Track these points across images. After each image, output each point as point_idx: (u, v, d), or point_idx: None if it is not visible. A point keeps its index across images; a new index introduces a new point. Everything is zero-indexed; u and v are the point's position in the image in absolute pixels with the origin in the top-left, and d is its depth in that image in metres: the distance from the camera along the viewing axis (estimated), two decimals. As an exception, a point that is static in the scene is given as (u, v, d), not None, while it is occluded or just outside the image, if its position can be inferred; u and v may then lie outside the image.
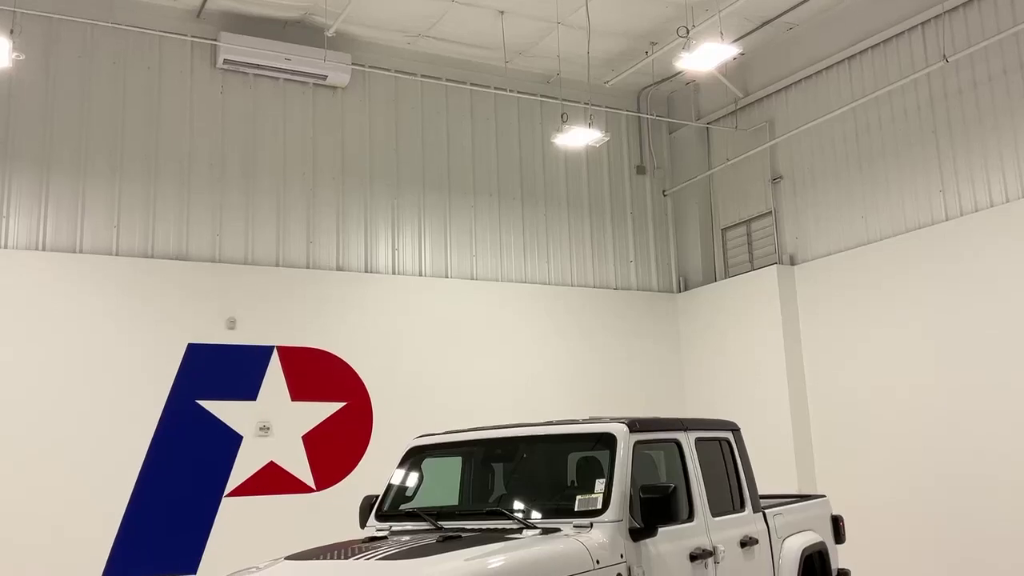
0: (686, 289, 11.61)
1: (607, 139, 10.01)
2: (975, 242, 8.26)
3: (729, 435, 6.21)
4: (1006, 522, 7.76)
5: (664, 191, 11.96)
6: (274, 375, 9.09)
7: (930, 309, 8.58)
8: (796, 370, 9.89)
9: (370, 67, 10.10)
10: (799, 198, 10.35)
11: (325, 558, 4.38)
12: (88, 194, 8.75)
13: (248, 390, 8.96)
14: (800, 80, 10.34)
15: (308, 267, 9.59)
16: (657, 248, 11.82)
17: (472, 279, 10.45)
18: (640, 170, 11.88)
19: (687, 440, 5.61)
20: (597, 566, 4.38)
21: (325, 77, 9.73)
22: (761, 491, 6.72)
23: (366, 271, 9.89)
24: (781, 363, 9.88)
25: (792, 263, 10.28)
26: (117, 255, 8.73)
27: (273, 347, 9.14)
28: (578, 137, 9.76)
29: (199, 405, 8.73)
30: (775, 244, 10.56)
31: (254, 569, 4.30)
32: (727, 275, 11.21)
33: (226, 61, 9.31)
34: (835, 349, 9.57)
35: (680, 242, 11.87)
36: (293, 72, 9.59)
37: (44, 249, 8.47)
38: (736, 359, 10.50)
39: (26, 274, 8.28)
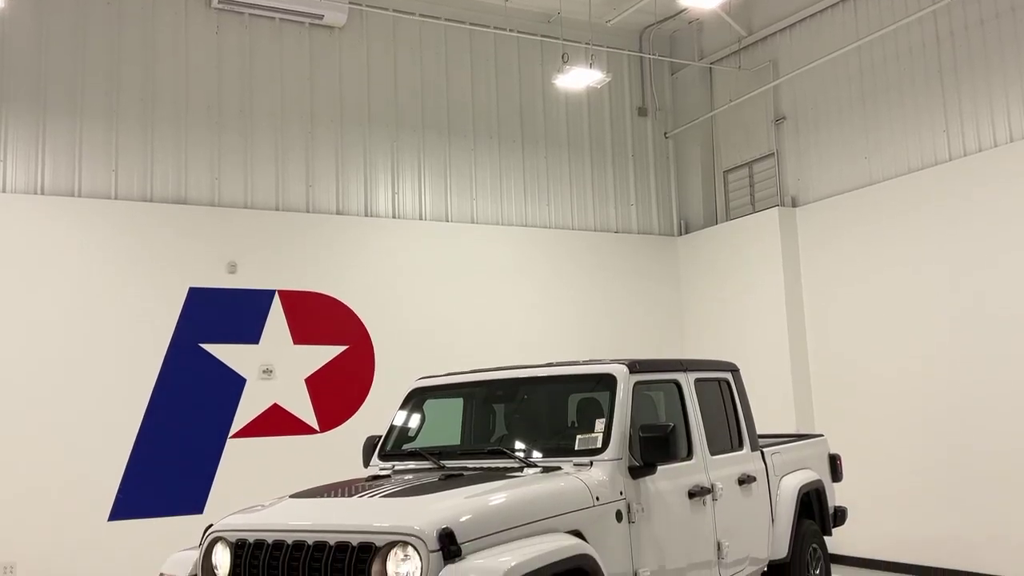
0: (687, 232, 11.58)
1: (608, 80, 9.88)
2: (978, 183, 8.21)
3: (728, 375, 6.27)
4: (1004, 460, 7.86)
5: (666, 133, 11.86)
6: (276, 319, 9.13)
7: (932, 250, 8.57)
8: (796, 312, 9.91)
9: (367, 6, 9.93)
10: (802, 139, 10.27)
11: (329, 496, 4.45)
12: (85, 138, 8.68)
13: (250, 333, 9.01)
14: (804, 18, 10.17)
15: (308, 211, 9.56)
16: (658, 191, 11.76)
17: (472, 223, 10.43)
18: (642, 112, 11.76)
19: (687, 380, 5.66)
20: (597, 503, 4.46)
21: (322, 16, 9.58)
22: (760, 431, 6.80)
23: (366, 215, 9.86)
24: (781, 305, 9.90)
25: (794, 205, 10.24)
26: (116, 199, 8.70)
27: (274, 291, 9.16)
28: (579, 78, 9.63)
29: (202, 348, 8.78)
30: (777, 186, 10.50)
31: (259, 507, 4.37)
32: (728, 218, 11.18)
33: (221, 0, 9.15)
34: (836, 290, 9.58)
35: (681, 185, 11.81)
36: (289, 11, 9.44)
37: (43, 193, 8.44)
38: (736, 301, 10.52)
39: (26, 218, 8.26)
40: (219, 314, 8.88)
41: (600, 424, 4.89)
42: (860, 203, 9.36)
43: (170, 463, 8.47)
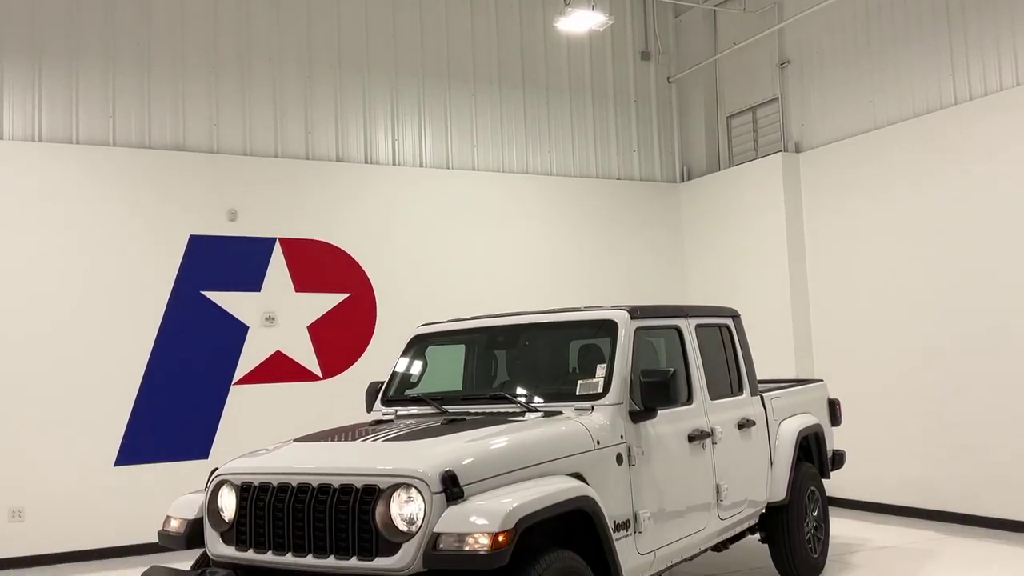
0: (689, 179, 11.51)
1: (611, 23, 9.73)
2: (985, 127, 8.12)
3: (729, 321, 6.29)
4: (1004, 404, 7.91)
5: (669, 78, 11.72)
6: (277, 266, 9.14)
7: (936, 195, 8.52)
8: (798, 258, 9.90)
9: (365, -52, 9.75)
10: (806, 83, 10.14)
11: (333, 440, 4.50)
12: (81, 84, 8.59)
13: (252, 281, 9.02)
14: (811, -41, 9.98)
15: (307, 158, 9.50)
16: (661, 137, 11.66)
17: (473, 170, 10.36)
18: (644, 56, 11.61)
19: (687, 326, 5.68)
20: (598, 446, 4.51)
21: (319, -41, 9.40)
22: (760, 376, 6.85)
23: (366, 162, 9.80)
24: (783, 251, 9.89)
25: (798, 150, 10.16)
26: (114, 145, 8.64)
27: (275, 239, 9.15)
28: (581, 21, 9.48)
29: (204, 296, 8.80)
30: (781, 131, 10.41)
31: (264, 451, 4.42)
32: (731, 164, 11.10)
33: (216, -58, 8.99)
34: (838, 237, 9.56)
35: (684, 130, 11.70)
36: (286, -46, 9.27)
37: (41, 140, 8.38)
38: (738, 248, 10.51)
39: (24, 165, 8.22)
40: (220, 262, 8.88)
41: (601, 369, 4.92)
42: (864, 148, 9.28)
43: (175, 409, 8.56)
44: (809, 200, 9.93)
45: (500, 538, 3.49)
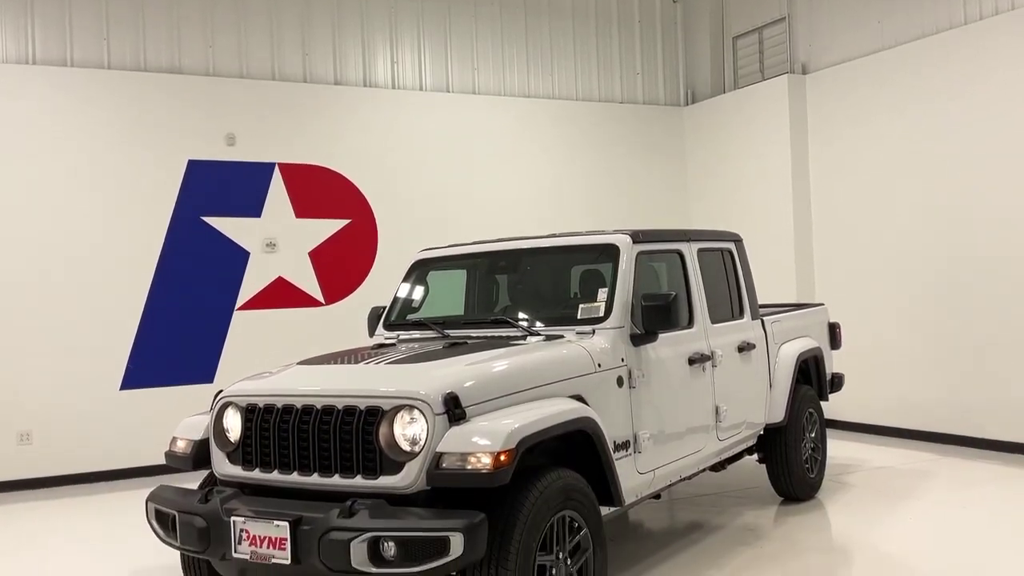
0: (694, 102, 11.34)
1: (614, -60, 9.46)
2: (995, 47, 7.96)
3: (731, 245, 6.27)
4: (1004, 327, 7.95)
5: (673, -3, 11.45)
6: (277, 192, 9.08)
7: (944, 118, 8.40)
8: (802, 182, 9.82)
9: None
10: (814, 2, 9.90)
11: (336, 362, 4.53)
12: (75, 5, 8.39)
13: (252, 207, 8.97)
14: None
15: (305, 81, 9.34)
16: (665, 59, 11.45)
17: (474, 93, 10.20)
18: (649, -25, 11.32)
19: (689, 250, 5.67)
20: (599, 369, 4.54)
21: None
22: (762, 301, 6.86)
23: (365, 85, 9.64)
24: (787, 175, 9.80)
25: (804, 72, 9.98)
26: (109, 68, 8.50)
27: (274, 164, 9.07)
28: (584, -62, 9.21)
29: (204, 222, 8.77)
30: (787, 52, 10.20)
31: (267, 373, 4.46)
32: (737, 86, 10.92)
33: None
34: (843, 160, 9.46)
35: (689, 52, 11.48)
36: None
37: (35, 63, 8.24)
38: (742, 172, 10.42)
39: (18, 89, 8.11)
40: (219, 187, 8.83)
41: (603, 293, 4.92)
42: (871, 69, 9.12)
43: (179, 334, 8.61)
44: (815, 123, 9.81)
45: (502, 457, 3.54)
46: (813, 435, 6.75)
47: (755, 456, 6.52)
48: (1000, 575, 4.85)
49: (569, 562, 3.91)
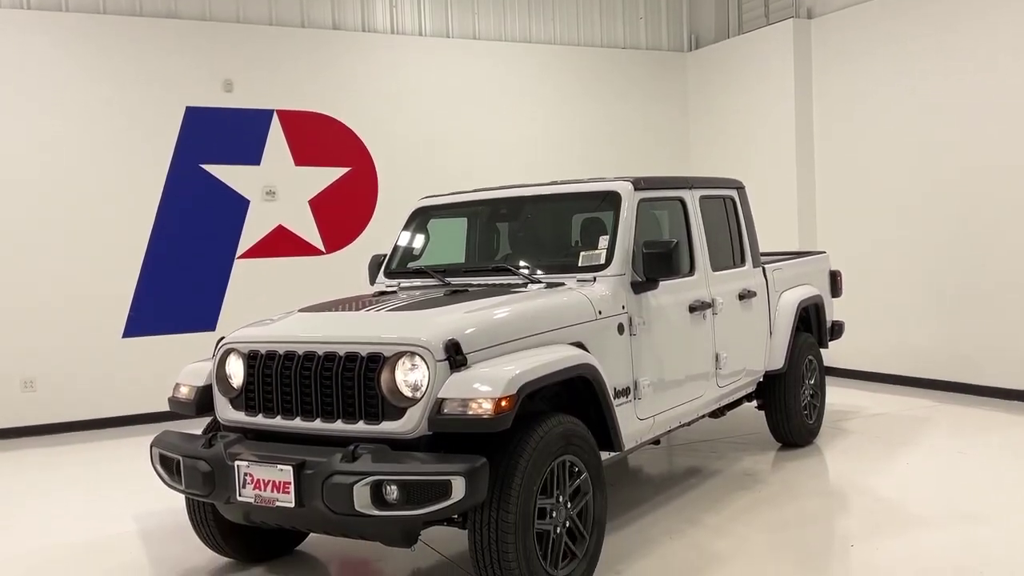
0: (697, 47, 11.19)
1: None
2: (1003, -9, 7.83)
3: (734, 193, 6.24)
4: (1001, 277, 7.94)
5: (677, -60, 11.22)
6: (276, 139, 9.01)
7: (951, 63, 8.28)
8: (805, 129, 9.73)
9: None
10: (821, -55, 9.72)
11: (338, 310, 4.54)
12: (66, -53, 8.26)
13: (251, 155, 8.91)
14: None
15: (303, 26, 9.20)
16: (668, 4, 11.25)
17: (474, 39, 10.06)
18: (652, -84, 11.08)
19: (691, 198, 5.64)
20: (599, 316, 4.54)
21: None
22: (764, 249, 6.85)
23: (364, 30, 9.50)
24: (791, 122, 9.70)
25: (809, 16, 9.82)
26: (104, 13, 8.37)
27: (272, 111, 8.99)
28: None
29: (203, 169, 8.72)
30: (792, -4, 10.03)
31: (268, 320, 4.47)
32: (741, 31, 10.75)
33: None
34: (848, 107, 9.36)
35: (692, -4, 11.30)
36: None
37: (29, 8, 8.11)
38: (746, 119, 10.31)
39: (13, 34, 8.00)
40: (218, 134, 8.76)
41: (604, 241, 4.91)
42: (877, 13, 8.96)
43: (180, 283, 8.62)
44: (819, 68, 9.68)
45: (503, 403, 3.56)
46: (812, 382, 6.79)
47: (754, 403, 6.56)
48: (996, 519, 4.91)
49: (569, 505, 3.96)
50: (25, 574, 4.71)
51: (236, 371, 4.18)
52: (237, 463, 3.78)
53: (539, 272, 4.99)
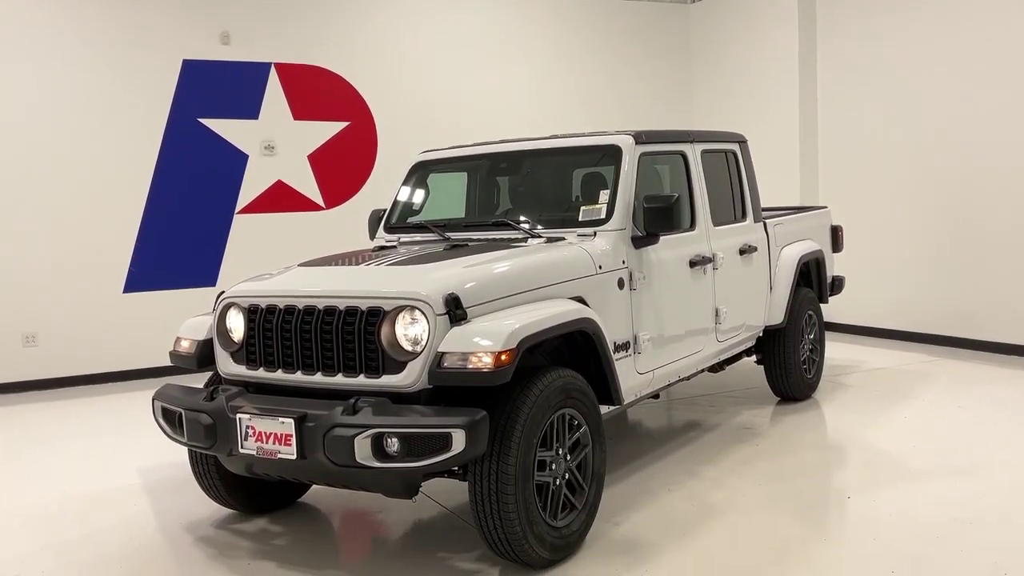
0: (699, -1, 11.04)
1: None
2: (1012, -59, 7.69)
3: (736, 147, 6.19)
4: (1006, 230, 7.92)
5: None
6: (274, 93, 8.92)
7: (958, 15, 8.17)
8: (809, 83, 9.62)
9: None
10: None
11: (337, 264, 4.53)
12: None
13: (249, 109, 8.83)
14: None
15: (300, -23, 9.07)
16: (671, -46, 11.07)
17: (474, -11, 9.93)
18: None
19: (693, 152, 5.60)
20: (599, 271, 4.54)
21: None
22: (765, 204, 6.82)
23: (361, -19, 9.37)
24: (794, 75, 9.60)
25: (814, -32, 9.68)
26: (97, -36, 8.25)
27: (270, 64, 8.89)
28: None
29: (201, 123, 8.65)
30: (797, -53, 9.85)
31: (268, 275, 4.46)
32: (744, -17, 10.59)
33: None
34: (852, 61, 9.25)
35: (696, -54, 11.10)
36: None
37: (19, -41, 8.00)
38: (748, 72, 10.20)
39: (5, -14, 7.90)
40: (216, 88, 8.67)
41: (604, 195, 4.88)
42: (884, -35, 8.83)
43: (179, 238, 8.61)
44: (824, 20, 9.55)
45: (503, 357, 3.57)
46: (812, 337, 6.81)
47: (753, 357, 6.59)
48: (992, 472, 4.96)
49: (568, 458, 3.99)
50: (29, 527, 4.77)
51: (236, 325, 4.19)
52: (239, 416, 3.81)
53: (539, 227, 4.97)
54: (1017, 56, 7.68)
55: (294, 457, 3.67)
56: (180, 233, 8.60)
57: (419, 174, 5.77)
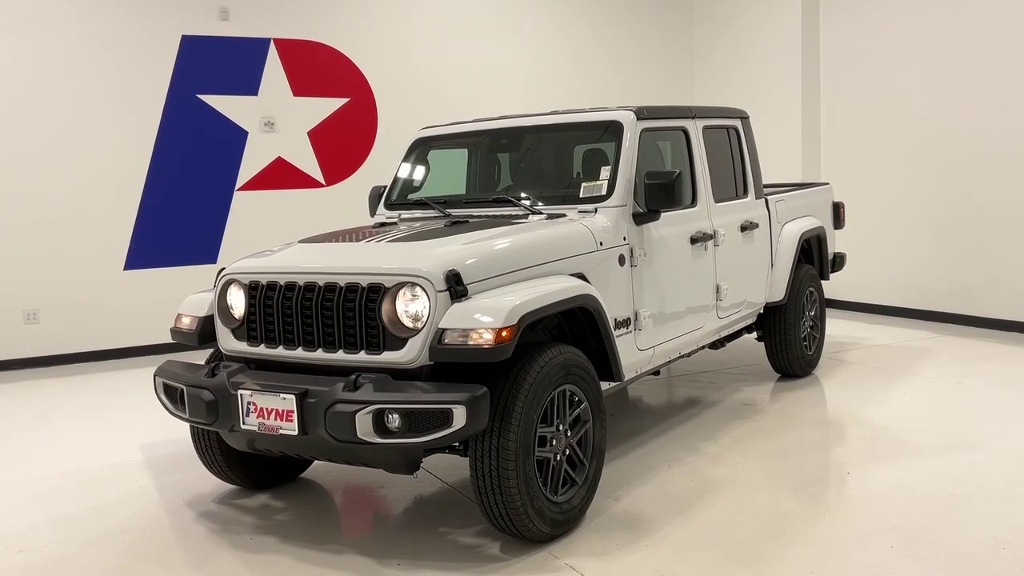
0: (702, -27, 10.95)
1: None
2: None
3: (737, 123, 6.16)
4: (1007, 207, 7.90)
5: None
6: (273, 69, 8.87)
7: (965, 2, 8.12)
8: (811, 59, 9.56)
9: None
10: None
11: (338, 240, 4.52)
12: None
13: (248, 85, 8.79)
14: None
15: (299, -49, 8.99)
16: (673, -73, 10.97)
17: (474, -36, 9.84)
18: None
19: (694, 128, 5.57)
20: (600, 247, 4.53)
21: None
22: (766, 180, 6.79)
23: (361, -45, 9.29)
24: (797, 52, 9.53)
25: (817, -58, 9.59)
26: (94, -62, 8.18)
27: (269, 40, 8.83)
28: None
29: (200, 100, 8.61)
30: (801, -80, 9.76)
31: (268, 252, 4.45)
32: (747, -43, 10.50)
33: None
34: (855, 38, 9.19)
35: (698, -80, 10.98)
36: None
37: (15, -68, 7.92)
38: (750, 49, 10.14)
39: (1, -39, 7.83)
40: (215, 64, 8.62)
41: (605, 171, 4.87)
42: (889, -62, 8.75)
43: (179, 215, 8.59)
44: (827, -4, 9.49)
45: (503, 333, 3.57)
46: (812, 313, 6.81)
47: (754, 334, 6.59)
48: (991, 448, 4.97)
49: (569, 434, 4.00)
50: (32, 502, 4.79)
51: (237, 302, 4.18)
52: (240, 392, 3.81)
53: (540, 203, 4.95)
54: (1018, 32, 7.63)
55: (295, 433, 3.68)
56: (180, 210, 8.59)
57: (419, 150, 5.75)
